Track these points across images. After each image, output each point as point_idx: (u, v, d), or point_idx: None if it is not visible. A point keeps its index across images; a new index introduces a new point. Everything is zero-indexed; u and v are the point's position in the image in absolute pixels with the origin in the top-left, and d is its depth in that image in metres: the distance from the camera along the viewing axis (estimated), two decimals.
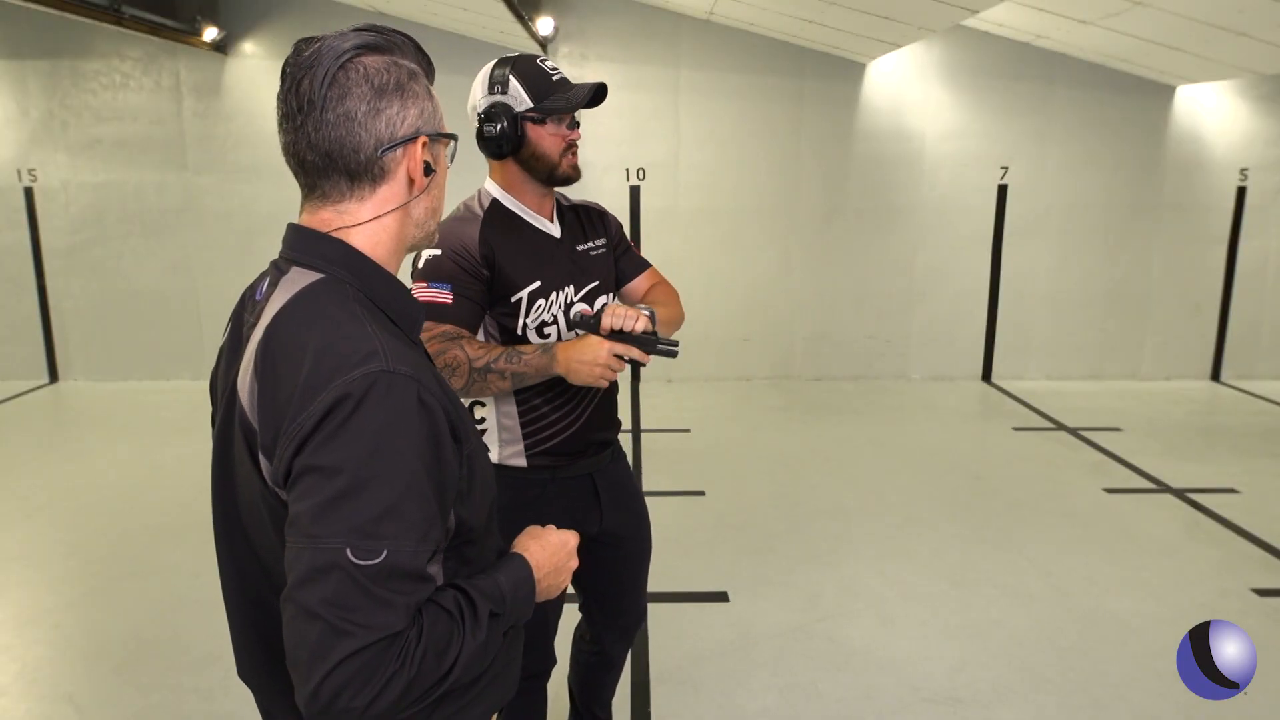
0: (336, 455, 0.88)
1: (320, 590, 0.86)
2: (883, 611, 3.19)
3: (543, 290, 1.81)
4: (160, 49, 6.15)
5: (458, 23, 5.84)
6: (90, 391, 6.38)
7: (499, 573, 1.04)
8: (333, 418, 0.89)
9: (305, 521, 0.88)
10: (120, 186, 6.36)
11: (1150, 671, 2.79)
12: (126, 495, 4.32)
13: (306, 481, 0.89)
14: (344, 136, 0.99)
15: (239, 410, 0.98)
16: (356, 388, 0.89)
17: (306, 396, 0.90)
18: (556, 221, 1.91)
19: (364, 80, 1.00)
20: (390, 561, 0.88)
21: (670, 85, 6.23)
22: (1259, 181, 6.44)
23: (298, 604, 0.87)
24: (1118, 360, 6.71)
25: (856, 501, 4.23)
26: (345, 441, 0.88)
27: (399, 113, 1.01)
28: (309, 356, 0.92)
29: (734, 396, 6.20)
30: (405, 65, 1.03)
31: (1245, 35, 4.87)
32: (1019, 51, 6.21)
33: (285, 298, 0.99)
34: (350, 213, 1.03)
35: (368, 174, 1.02)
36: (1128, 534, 3.86)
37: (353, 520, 0.87)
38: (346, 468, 0.88)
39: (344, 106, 0.99)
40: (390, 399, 0.90)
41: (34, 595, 3.33)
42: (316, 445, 0.89)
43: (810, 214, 6.48)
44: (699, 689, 2.72)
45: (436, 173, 1.06)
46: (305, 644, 0.86)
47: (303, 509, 0.89)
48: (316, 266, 1.01)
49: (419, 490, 0.91)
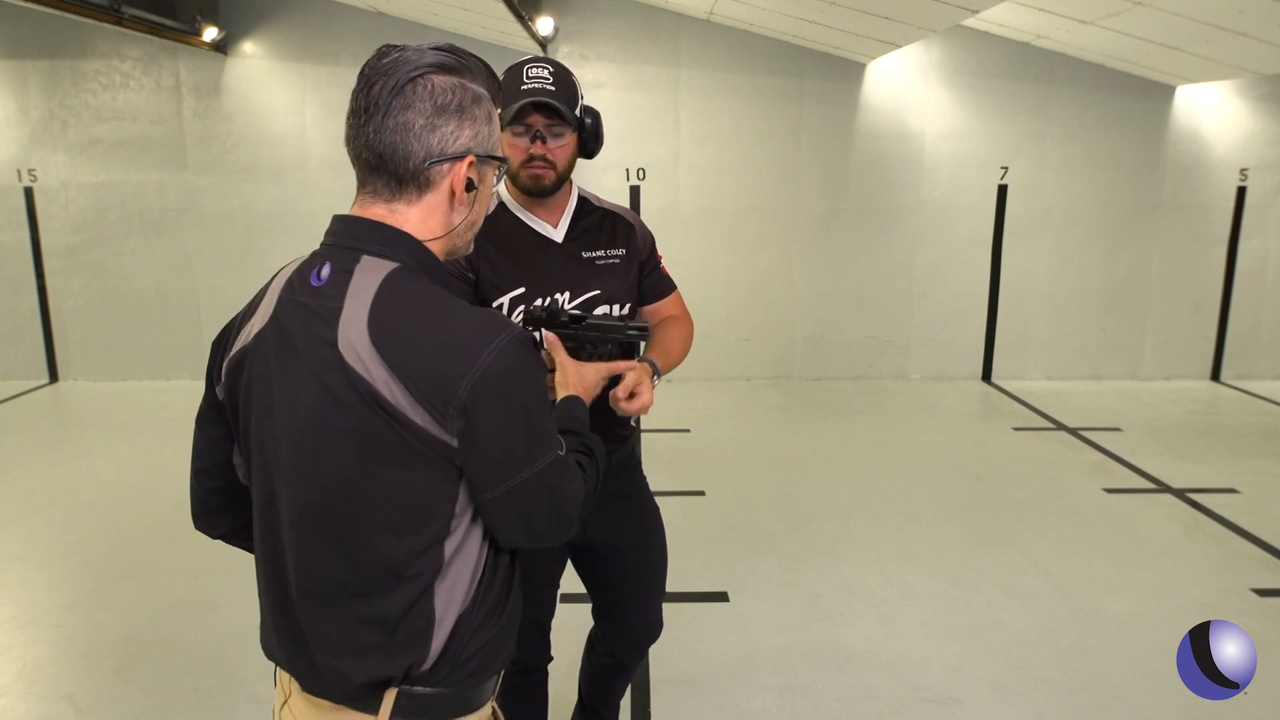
0: (511, 411, 1.08)
1: (561, 480, 1.15)
2: (883, 611, 3.19)
3: (526, 296, 1.80)
4: (160, 49, 6.15)
5: (458, 23, 5.84)
6: (90, 391, 6.38)
7: (574, 410, 1.40)
8: (496, 387, 1.07)
9: (506, 467, 1.09)
10: (120, 186, 6.36)
11: (1150, 671, 2.79)
12: (126, 495, 4.33)
13: (491, 439, 1.07)
14: (398, 143, 1.08)
15: (359, 387, 1.04)
16: (500, 356, 1.06)
17: (460, 374, 1.05)
18: (565, 226, 1.88)
19: (428, 96, 1.08)
20: (563, 444, 1.19)
21: (670, 85, 6.23)
22: (1259, 181, 6.44)
23: (545, 503, 1.14)
24: (1118, 360, 6.71)
25: (856, 501, 4.23)
26: (514, 394, 1.08)
27: (454, 131, 1.10)
28: (442, 339, 1.06)
29: (734, 396, 6.20)
30: (472, 89, 1.12)
31: (1245, 35, 4.87)
32: (1019, 51, 6.21)
33: (373, 283, 1.08)
34: (399, 213, 1.12)
35: (414, 181, 1.11)
36: (1128, 534, 3.86)
37: (539, 445, 1.12)
38: (527, 409, 1.10)
39: (405, 116, 1.08)
40: (521, 356, 1.09)
41: (34, 595, 3.33)
42: (492, 411, 1.06)
43: (810, 214, 6.49)
44: (699, 689, 2.72)
45: (479, 190, 1.16)
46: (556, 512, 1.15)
47: (514, 454, 1.09)
48: (389, 255, 1.11)
49: (547, 395, 1.19)
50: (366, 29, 6.08)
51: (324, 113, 6.20)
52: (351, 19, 6.10)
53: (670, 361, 1.91)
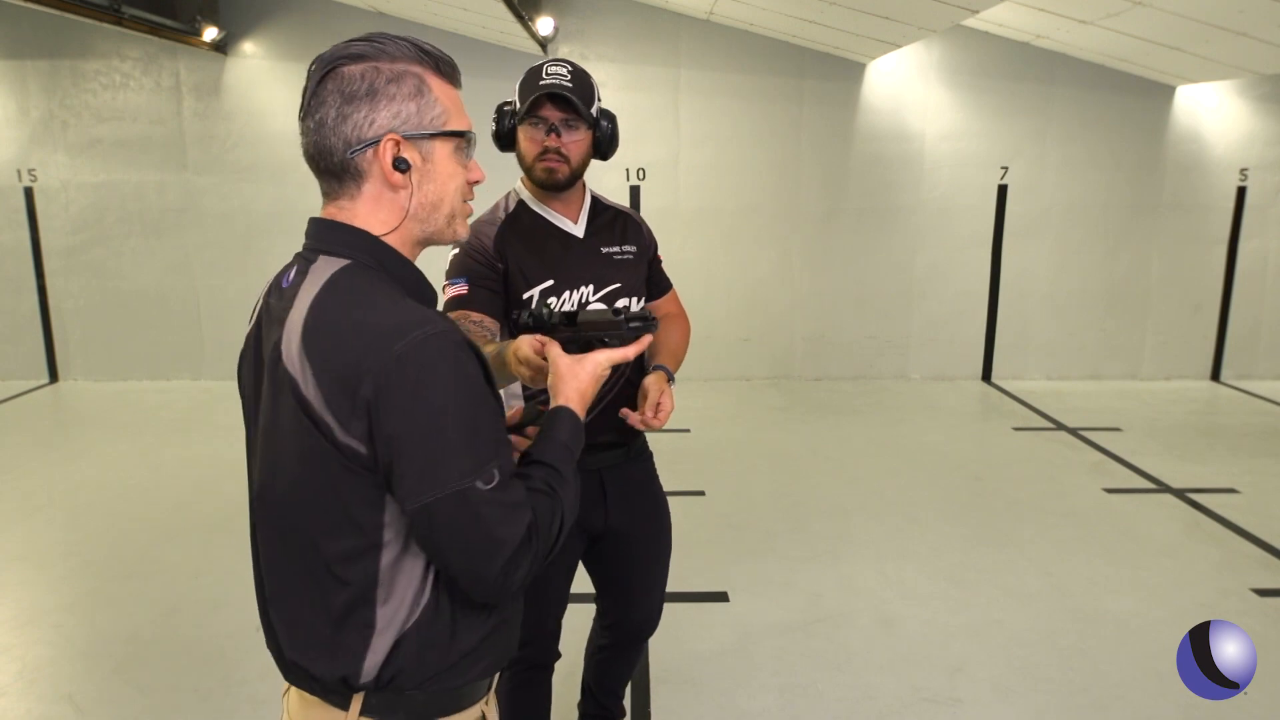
0: (422, 412, 1.00)
1: (472, 519, 1.02)
2: (883, 611, 3.19)
3: (555, 289, 1.87)
4: (160, 49, 6.15)
5: (458, 23, 5.84)
6: (90, 391, 6.38)
7: (556, 431, 1.20)
8: (406, 381, 1.00)
9: (423, 475, 1.01)
10: (120, 186, 6.36)
11: (1150, 671, 2.79)
12: (126, 495, 4.32)
13: (403, 444, 1.01)
14: (320, 141, 1.09)
15: (292, 389, 1.05)
16: (414, 353, 1.00)
17: (368, 368, 1.00)
18: (584, 221, 1.95)
19: (336, 90, 1.07)
20: (504, 475, 1.05)
21: (670, 85, 6.23)
22: (1259, 181, 6.44)
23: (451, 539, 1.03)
24: (1118, 360, 6.71)
25: (856, 501, 4.23)
26: (429, 399, 1.00)
27: (366, 116, 1.07)
28: (359, 332, 1.02)
29: (734, 396, 6.20)
30: (387, 70, 1.08)
31: (1245, 35, 4.87)
32: (1019, 51, 6.21)
33: (319, 283, 1.08)
34: (347, 210, 1.12)
35: (347, 173, 1.10)
36: (1128, 534, 3.86)
37: (467, 458, 1.02)
38: (439, 421, 1.01)
39: (320, 114, 1.08)
40: (445, 353, 1.02)
41: (34, 595, 3.33)
42: (399, 410, 1.00)
43: (810, 214, 6.48)
44: (699, 689, 2.72)
45: (426, 168, 1.11)
46: (472, 560, 1.04)
47: (416, 465, 1.01)
48: (341, 254, 1.10)
49: (492, 411, 1.08)
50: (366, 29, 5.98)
51: None
52: (351, 19, 6.10)
53: (678, 363, 1.98)
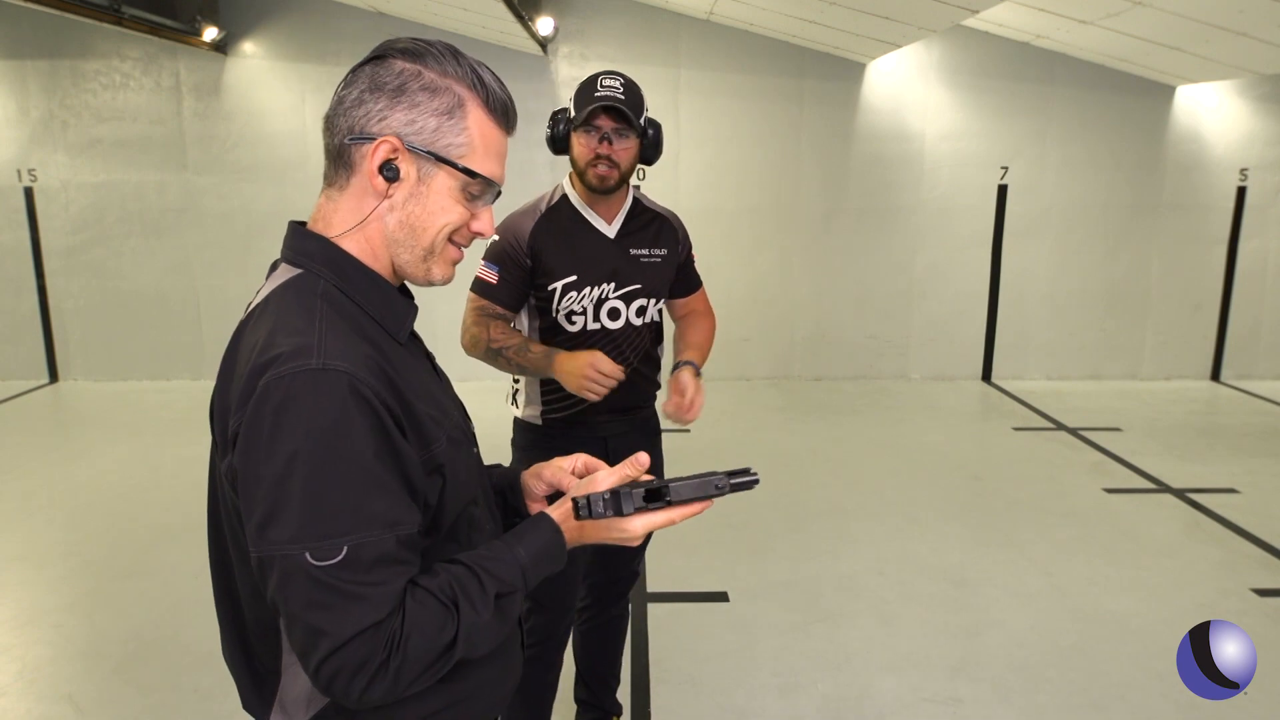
0: (273, 457, 0.87)
1: (294, 594, 0.87)
2: (883, 611, 3.19)
3: (577, 284, 2.01)
4: (160, 49, 6.15)
5: (458, 23, 5.84)
6: (90, 391, 6.37)
7: (520, 543, 1.01)
8: (261, 420, 0.88)
9: (261, 529, 0.88)
10: (120, 186, 6.36)
11: (1150, 671, 2.79)
12: (126, 495, 4.32)
13: (249, 486, 0.89)
14: (333, 116, 1.02)
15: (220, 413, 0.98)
16: (282, 387, 0.88)
17: (243, 396, 0.90)
18: (620, 223, 2.07)
19: (371, 75, 1.00)
20: (354, 555, 0.87)
21: (670, 85, 6.23)
22: (1259, 181, 6.44)
23: (281, 608, 0.89)
24: (1118, 360, 6.71)
25: (856, 501, 4.23)
26: (274, 441, 0.87)
27: (382, 110, 0.99)
28: (250, 355, 0.93)
29: (734, 396, 6.20)
30: (429, 78, 0.99)
31: (1245, 35, 4.87)
32: (1019, 51, 6.21)
33: (265, 295, 1.01)
34: (334, 200, 1.03)
35: (341, 159, 1.02)
36: (1128, 534, 3.86)
37: (302, 523, 0.86)
38: (284, 470, 0.87)
39: (345, 90, 1.02)
40: (318, 396, 0.88)
41: (34, 595, 3.33)
42: (253, 449, 0.88)
43: (810, 214, 6.48)
44: (699, 689, 2.72)
45: (414, 187, 1.00)
46: (297, 642, 0.89)
47: (255, 516, 0.88)
48: (299, 263, 1.02)
49: (373, 478, 0.89)
50: (366, 29, 6.08)
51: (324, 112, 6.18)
52: (351, 19, 6.10)
53: (704, 358, 2.15)
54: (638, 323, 2.08)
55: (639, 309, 2.08)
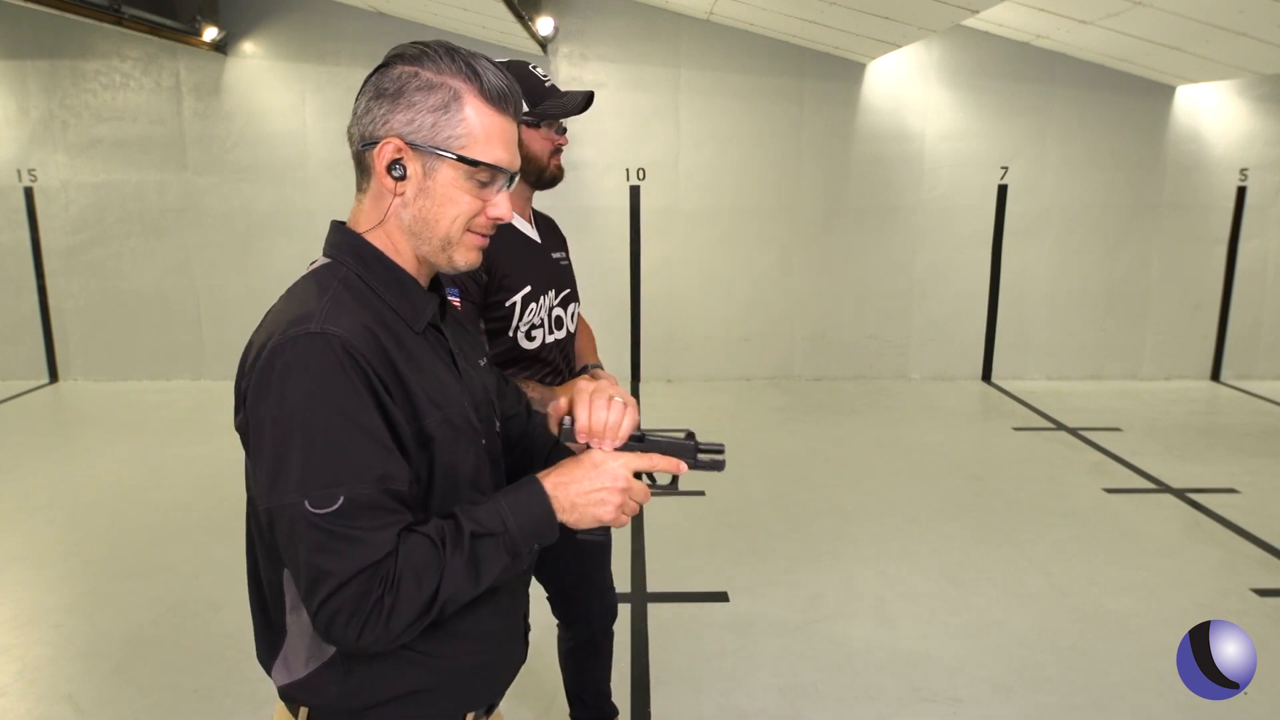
0: (273, 413, 0.96)
1: (299, 541, 0.95)
2: (883, 611, 3.19)
3: (533, 294, 1.87)
4: (160, 49, 6.15)
5: (458, 23, 5.84)
6: (90, 391, 6.38)
7: (505, 500, 1.05)
8: (265, 381, 0.97)
9: (265, 483, 0.97)
10: (120, 186, 6.36)
11: (1150, 671, 2.79)
12: (126, 495, 4.32)
13: (256, 442, 0.98)
14: (351, 128, 1.11)
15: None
16: (284, 350, 0.96)
17: (252, 361, 1.00)
18: (535, 227, 1.97)
19: (375, 84, 1.08)
20: (350, 503, 0.94)
21: (670, 85, 6.23)
22: (1259, 181, 6.44)
23: (288, 557, 0.98)
24: (1118, 360, 6.71)
25: (856, 501, 4.23)
26: (278, 399, 0.96)
27: (384, 115, 1.06)
28: (264, 324, 1.04)
29: (734, 396, 6.20)
30: (425, 76, 1.05)
31: (1245, 35, 4.87)
32: (1019, 51, 6.21)
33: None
34: (360, 202, 1.13)
35: (360, 165, 1.10)
36: (1128, 534, 3.86)
37: (303, 474, 0.94)
38: (285, 424, 0.95)
39: (358, 102, 1.10)
40: (314, 355, 0.96)
41: (34, 595, 3.33)
42: (257, 407, 0.97)
43: (810, 214, 6.48)
44: (699, 689, 2.72)
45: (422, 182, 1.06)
46: (303, 586, 0.96)
47: (262, 472, 0.97)
48: (329, 254, 1.12)
49: (366, 431, 0.97)
50: (366, 29, 6.08)
51: (324, 113, 6.20)
52: (351, 19, 6.10)
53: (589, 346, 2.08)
54: (572, 329, 2.02)
55: (572, 314, 2.02)
